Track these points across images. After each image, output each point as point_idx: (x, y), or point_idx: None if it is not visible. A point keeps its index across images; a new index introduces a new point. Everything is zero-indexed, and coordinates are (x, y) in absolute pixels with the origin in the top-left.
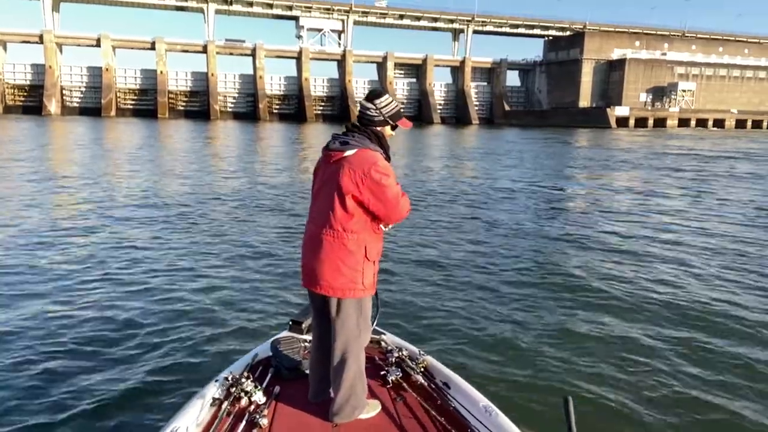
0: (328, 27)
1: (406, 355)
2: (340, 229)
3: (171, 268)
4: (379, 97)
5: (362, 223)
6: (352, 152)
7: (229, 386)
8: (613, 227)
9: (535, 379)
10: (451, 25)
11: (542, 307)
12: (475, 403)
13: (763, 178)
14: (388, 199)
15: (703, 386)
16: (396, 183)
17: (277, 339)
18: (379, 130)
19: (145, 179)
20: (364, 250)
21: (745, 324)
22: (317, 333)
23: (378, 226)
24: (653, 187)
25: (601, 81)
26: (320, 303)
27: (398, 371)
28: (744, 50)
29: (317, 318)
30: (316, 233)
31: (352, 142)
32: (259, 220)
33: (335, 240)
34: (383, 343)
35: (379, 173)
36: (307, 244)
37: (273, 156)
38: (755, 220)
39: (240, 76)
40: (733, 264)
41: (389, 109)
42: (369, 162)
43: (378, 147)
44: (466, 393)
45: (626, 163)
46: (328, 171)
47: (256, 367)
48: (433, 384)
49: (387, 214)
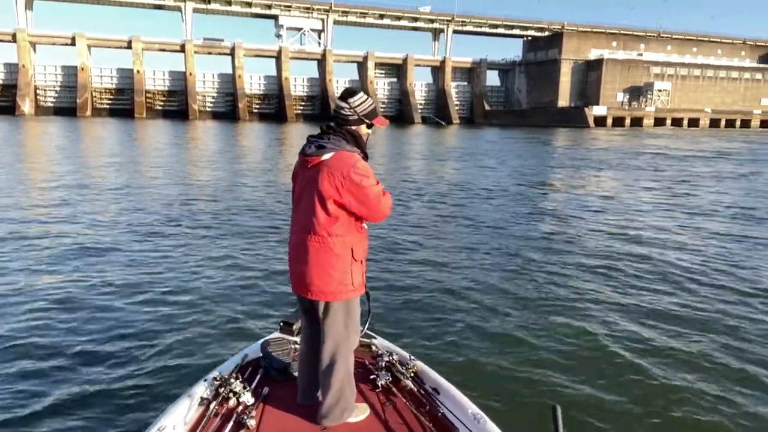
0: (308, 26)
1: (397, 360)
2: (325, 234)
3: (159, 269)
4: (353, 96)
5: (346, 226)
6: (329, 156)
7: (217, 386)
8: (599, 228)
9: (523, 386)
10: (431, 25)
11: (532, 314)
12: (464, 410)
13: (745, 177)
14: (370, 200)
15: (693, 392)
16: (376, 182)
17: (267, 340)
18: (354, 129)
19: (127, 180)
20: (351, 252)
21: (735, 327)
22: (306, 335)
23: (362, 225)
24: (637, 187)
25: (580, 81)
26: (309, 306)
27: (388, 376)
28: (717, 51)
29: (306, 320)
30: (301, 240)
31: (329, 145)
32: (247, 221)
33: (321, 245)
34: (374, 347)
35: (359, 175)
36: (294, 251)
37: (256, 156)
38: (735, 218)
39: (219, 75)
40: (714, 265)
41: (364, 107)
42: (347, 164)
43: (355, 147)
44: (456, 399)
45: (607, 162)
46: (306, 176)
47: (246, 367)
48: (422, 389)
49: (370, 215)
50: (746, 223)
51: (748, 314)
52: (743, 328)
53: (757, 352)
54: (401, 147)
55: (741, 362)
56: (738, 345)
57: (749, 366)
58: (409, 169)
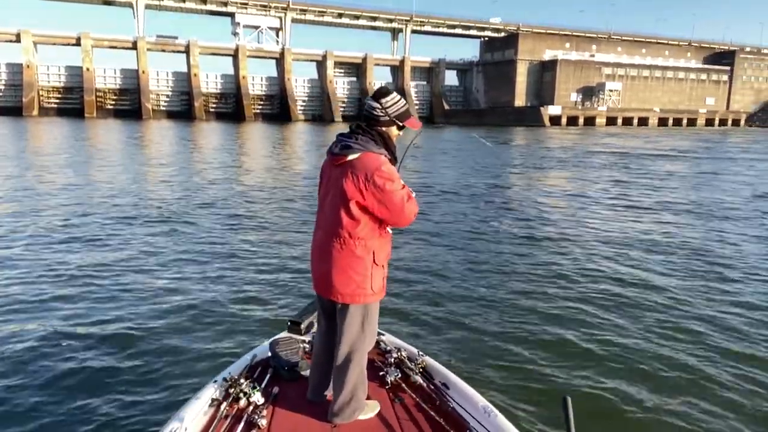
0: (266, 24)
1: (405, 356)
2: (347, 236)
3: (167, 272)
4: (386, 96)
5: (369, 228)
6: (355, 156)
7: (227, 387)
8: (600, 224)
9: (533, 379)
10: (390, 24)
11: (540, 307)
12: (473, 404)
13: (708, 174)
14: (394, 204)
15: (701, 384)
16: (402, 186)
17: (275, 340)
18: (384, 130)
19: (115, 181)
20: (373, 256)
21: (741, 323)
22: (322, 334)
23: (385, 229)
24: (605, 183)
25: (535, 81)
26: (328, 306)
27: (397, 372)
28: (665, 52)
29: (324, 320)
30: (323, 241)
31: (356, 145)
32: (254, 222)
33: (343, 247)
34: (382, 343)
35: (383, 178)
36: (316, 252)
37: (252, 156)
38: (707, 213)
39: (173, 73)
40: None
41: (396, 108)
42: (372, 167)
43: (383, 149)
44: (465, 393)
45: (570, 161)
46: (333, 175)
47: (255, 367)
48: (431, 385)
49: (393, 219)
50: (717, 217)
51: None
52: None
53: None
54: None
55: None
56: (752, 346)
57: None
58: None
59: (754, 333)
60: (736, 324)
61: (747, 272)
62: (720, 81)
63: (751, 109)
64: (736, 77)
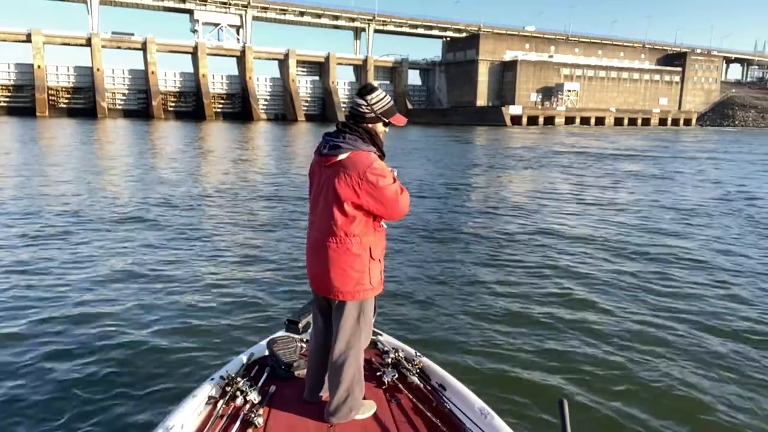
0: (226, 22)
1: (403, 356)
2: (343, 234)
3: (165, 270)
4: (371, 93)
5: (363, 225)
6: (345, 156)
7: (224, 385)
8: (601, 224)
9: (530, 381)
10: (353, 23)
11: (537, 309)
12: (470, 405)
13: (673, 173)
14: (388, 199)
15: (698, 386)
16: (393, 181)
17: (273, 338)
18: (371, 127)
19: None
20: (369, 251)
21: (736, 323)
22: (318, 333)
23: (380, 224)
24: (585, 180)
25: (496, 81)
26: (325, 304)
27: (394, 372)
28: (620, 53)
29: (319, 318)
30: (319, 240)
31: (344, 144)
32: (250, 218)
33: (339, 246)
34: (380, 343)
35: (376, 175)
36: (311, 252)
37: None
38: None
39: (130, 71)
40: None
41: (381, 105)
42: (364, 165)
43: (371, 146)
44: (462, 395)
45: (536, 160)
46: (323, 176)
47: (252, 366)
48: (428, 385)
49: (388, 213)
50: (695, 216)
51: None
52: (751, 326)
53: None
54: None
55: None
56: (751, 346)
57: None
58: None
59: (750, 333)
60: (733, 326)
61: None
62: (672, 82)
63: (702, 110)
64: (687, 78)
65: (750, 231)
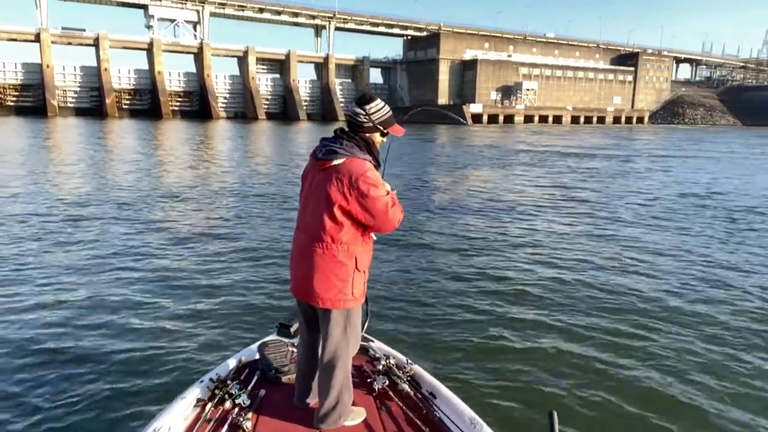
0: (182, 17)
1: (394, 364)
2: (330, 240)
3: (155, 270)
4: (370, 102)
5: (352, 234)
6: (340, 161)
7: (214, 388)
8: (589, 225)
9: (520, 392)
10: (313, 21)
11: (527, 320)
12: (460, 415)
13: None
14: (377, 210)
15: (689, 396)
16: (386, 193)
17: (264, 342)
18: (368, 136)
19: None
20: (355, 261)
21: (730, 330)
22: (305, 340)
23: (369, 235)
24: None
25: (457, 80)
26: (309, 312)
27: (385, 379)
28: (576, 53)
29: (306, 326)
30: (305, 244)
31: (341, 150)
32: (246, 221)
33: (325, 251)
34: (371, 350)
35: (368, 184)
36: (296, 255)
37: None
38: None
39: (82, 68)
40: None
41: (380, 115)
42: (357, 172)
43: (367, 155)
44: (452, 404)
45: (503, 158)
46: (316, 179)
47: (242, 369)
48: (419, 393)
49: (376, 225)
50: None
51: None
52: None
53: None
54: (288, 146)
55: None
56: (746, 352)
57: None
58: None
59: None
60: (727, 327)
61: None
62: (625, 81)
63: (654, 108)
64: (639, 78)
65: (735, 229)
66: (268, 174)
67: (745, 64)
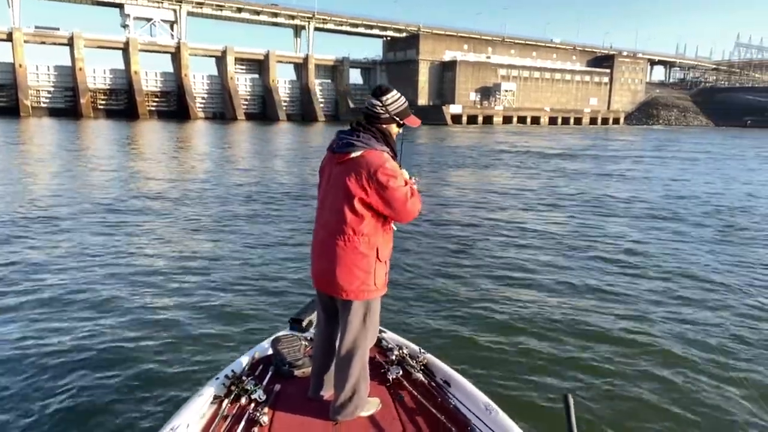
0: (159, 17)
1: (407, 353)
2: (351, 232)
3: (168, 268)
4: (386, 94)
5: (373, 225)
6: (357, 154)
7: (229, 384)
8: (596, 223)
9: (535, 376)
10: (292, 21)
11: (541, 305)
12: (475, 401)
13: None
14: (397, 201)
15: (702, 382)
16: (404, 183)
17: (277, 337)
18: (385, 127)
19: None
20: (376, 252)
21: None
22: (323, 331)
23: (389, 225)
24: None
25: (437, 81)
26: (329, 303)
27: (398, 369)
28: (553, 55)
29: (325, 317)
30: (326, 237)
31: (358, 143)
32: (256, 218)
33: (347, 244)
34: (384, 341)
35: (387, 175)
36: (318, 248)
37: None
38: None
39: (56, 68)
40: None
41: (396, 106)
42: (375, 164)
43: (384, 146)
44: (466, 391)
45: (479, 159)
46: (334, 172)
47: (257, 365)
48: (433, 382)
49: (396, 215)
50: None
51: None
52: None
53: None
54: (269, 146)
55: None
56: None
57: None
58: (296, 170)
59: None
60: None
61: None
62: (602, 83)
63: (629, 109)
64: (615, 79)
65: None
66: (272, 174)
67: (718, 66)
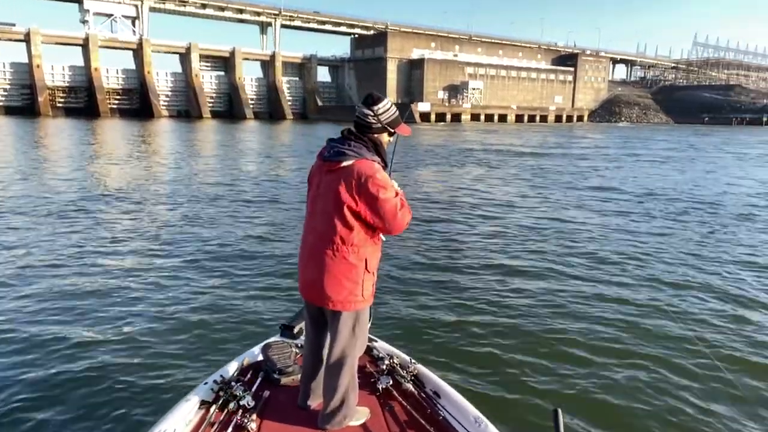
0: (120, 12)
1: (397, 363)
2: (340, 242)
3: (159, 273)
4: (378, 103)
5: (362, 236)
6: (348, 163)
7: (218, 390)
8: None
9: (525, 390)
10: (258, 17)
11: (532, 318)
12: (465, 414)
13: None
14: (386, 212)
15: (694, 396)
16: (395, 194)
17: (267, 343)
18: (376, 137)
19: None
20: (365, 263)
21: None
22: (312, 341)
23: (378, 237)
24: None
25: (405, 78)
26: (317, 314)
27: (389, 379)
28: (519, 54)
29: (312, 327)
30: (315, 246)
31: (349, 152)
32: (246, 223)
33: (336, 254)
34: (375, 350)
35: (377, 185)
36: (306, 257)
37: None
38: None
39: (12, 65)
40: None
41: (388, 115)
42: (366, 174)
43: (375, 156)
44: (456, 403)
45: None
46: (324, 181)
47: (246, 371)
48: (423, 393)
49: (385, 227)
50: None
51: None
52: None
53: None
54: (238, 144)
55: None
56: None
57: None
58: (279, 169)
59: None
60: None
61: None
62: (566, 81)
63: (593, 107)
64: (579, 78)
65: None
66: (247, 177)
67: (677, 65)
